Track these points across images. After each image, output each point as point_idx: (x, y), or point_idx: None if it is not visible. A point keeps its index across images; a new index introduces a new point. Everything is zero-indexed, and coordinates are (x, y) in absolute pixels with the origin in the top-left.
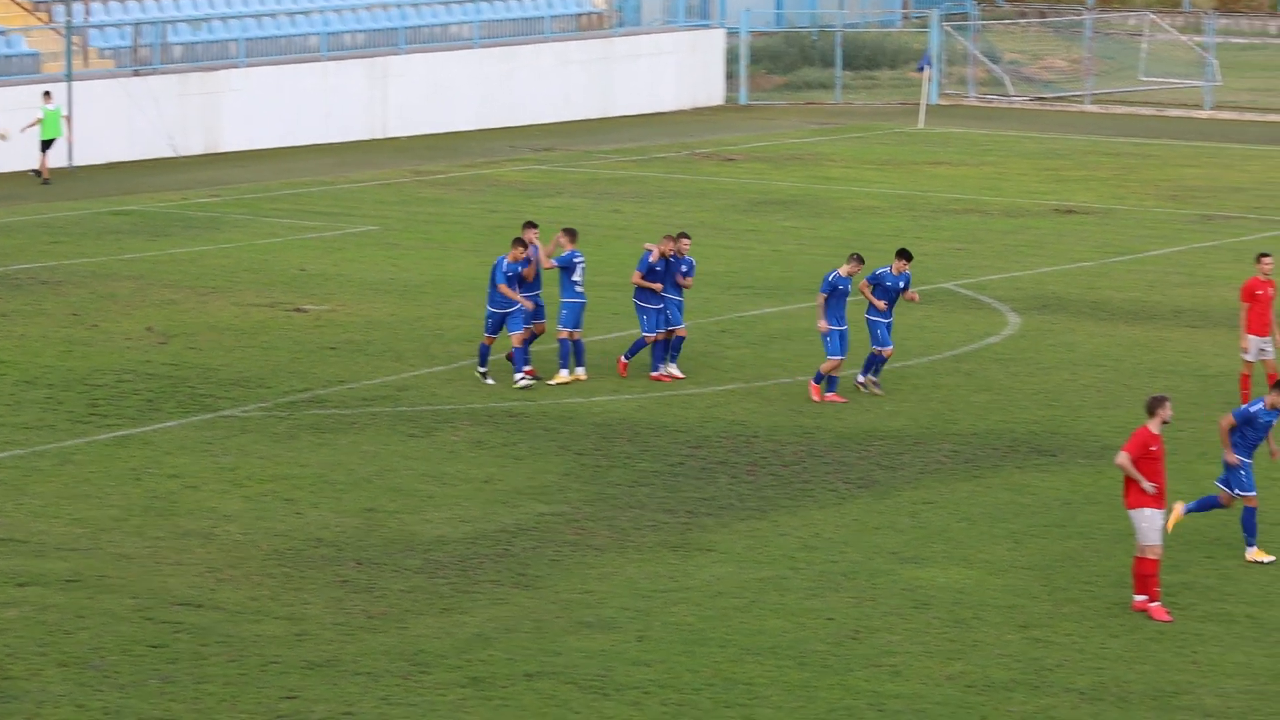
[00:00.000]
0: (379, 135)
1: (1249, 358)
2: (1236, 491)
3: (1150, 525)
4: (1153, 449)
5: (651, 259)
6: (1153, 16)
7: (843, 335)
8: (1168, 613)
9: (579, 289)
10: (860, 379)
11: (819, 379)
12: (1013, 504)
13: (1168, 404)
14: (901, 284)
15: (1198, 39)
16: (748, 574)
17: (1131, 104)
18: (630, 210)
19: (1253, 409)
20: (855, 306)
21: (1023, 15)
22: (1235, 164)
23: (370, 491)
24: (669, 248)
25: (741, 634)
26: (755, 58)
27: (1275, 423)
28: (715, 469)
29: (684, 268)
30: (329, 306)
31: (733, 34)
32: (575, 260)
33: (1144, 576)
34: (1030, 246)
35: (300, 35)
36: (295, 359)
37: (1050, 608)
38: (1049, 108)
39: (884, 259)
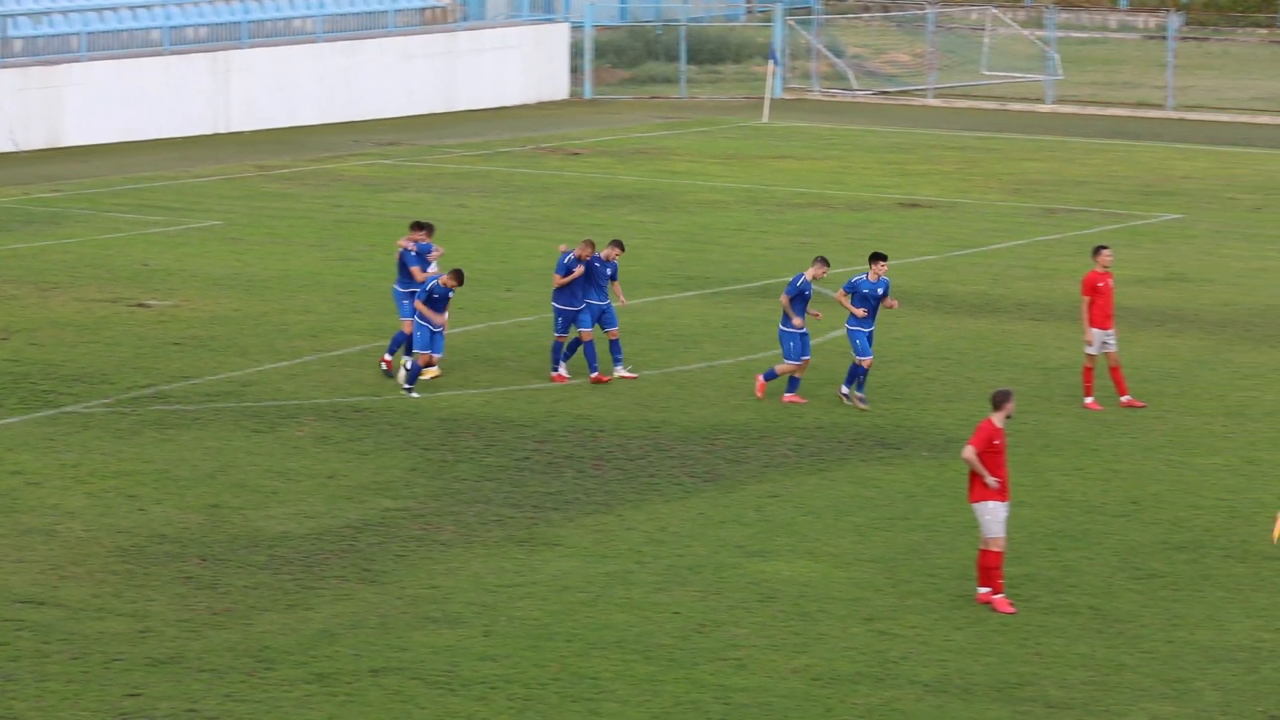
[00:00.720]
0: (222, 130)
1: (1092, 350)
2: None
3: (994, 518)
4: (996, 443)
5: (571, 258)
6: (994, 11)
7: (803, 337)
8: (1011, 605)
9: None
10: (844, 390)
11: (770, 376)
12: (857, 497)
13: (1012, 398)
14: (880, 290)
15: (1039, 33)
16: (594, 568)
17: (974, 98)
18: (475, 205)
19: None
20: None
21: (866, 9)
22: (1077, 157)
23: (214, 488)
24: (587, 252)
25: (588, 628)
26: (600, 52)
27: None
28: (561, 464)
29: (609, 271)
30: (172, 302)
31: (577, 28)
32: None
33: (987, 569)
34: (875, 240)
35: (142, 29)
36: (138, 354)
37: (895, 600)
38: (893, 102)
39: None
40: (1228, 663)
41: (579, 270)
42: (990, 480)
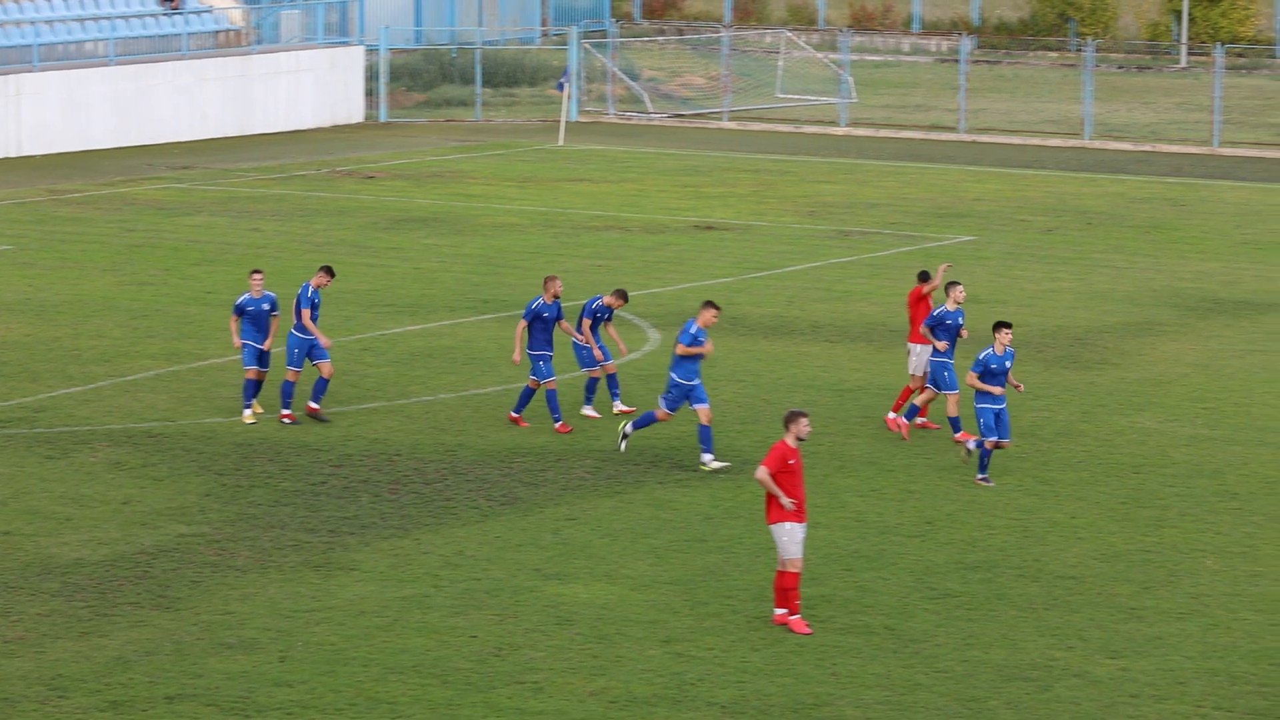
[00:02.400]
0: (13, 154)
1: (912, 369)
2: None
3: (791, 539)
4: (791, 463)
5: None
6: (789, 34)
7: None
8: (808, 625)
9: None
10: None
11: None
12: (654, 519)
13: (805, 419)
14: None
15: (833, 56)
16: (390, 592)
17: (769, 120)
18: (270, 229)
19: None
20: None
21: (661, 32)
22: (870, 180)
23: (6, 514)
24: (618, 302)
25: (384, 653)
26: (395, 75)
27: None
28: (358, 488)
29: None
30: None
31: (372, 51)
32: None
33: (784, 590)
34: (670, 263)
35: None
36: None
37: (692, 622)
38: (688, 124)
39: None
40: (1021, 681)
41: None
42: (786, 501)
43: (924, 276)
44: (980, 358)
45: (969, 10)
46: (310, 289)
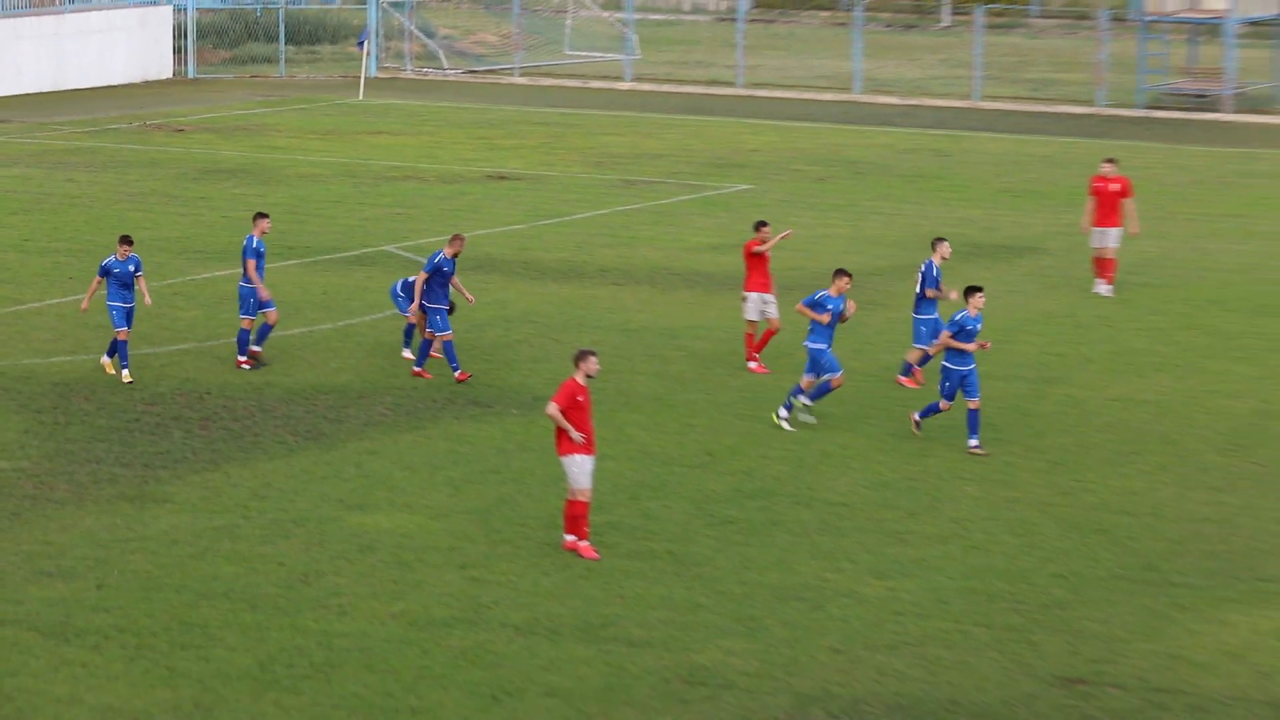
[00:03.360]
0: None
1: (751, 315)
2: None
3: (580, 470)
4: (580, 399)
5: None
6: None
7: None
8: (595, 551)
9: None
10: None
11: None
12: (452, 453)
13: (593, 357)
14: (979, 325)
15: (618, 15)
16: (202, 523)
17: (558, 76)
18: (84, 179)
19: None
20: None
21: None
22: (654, 132)
23: None
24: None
25: (196, 580)
26: (202, 33)
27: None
28: (170, 424)
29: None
30: None
31: (180, 10)
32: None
33: (574, 518)
34: (466, 211)
35: None
36: None
37: (487, 549)
38: (481, 80)
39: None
40: (795, 601)
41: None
42: (575, 435)
43: (759, 225)
44: (956, 318)
45: None
46: (255, 240)
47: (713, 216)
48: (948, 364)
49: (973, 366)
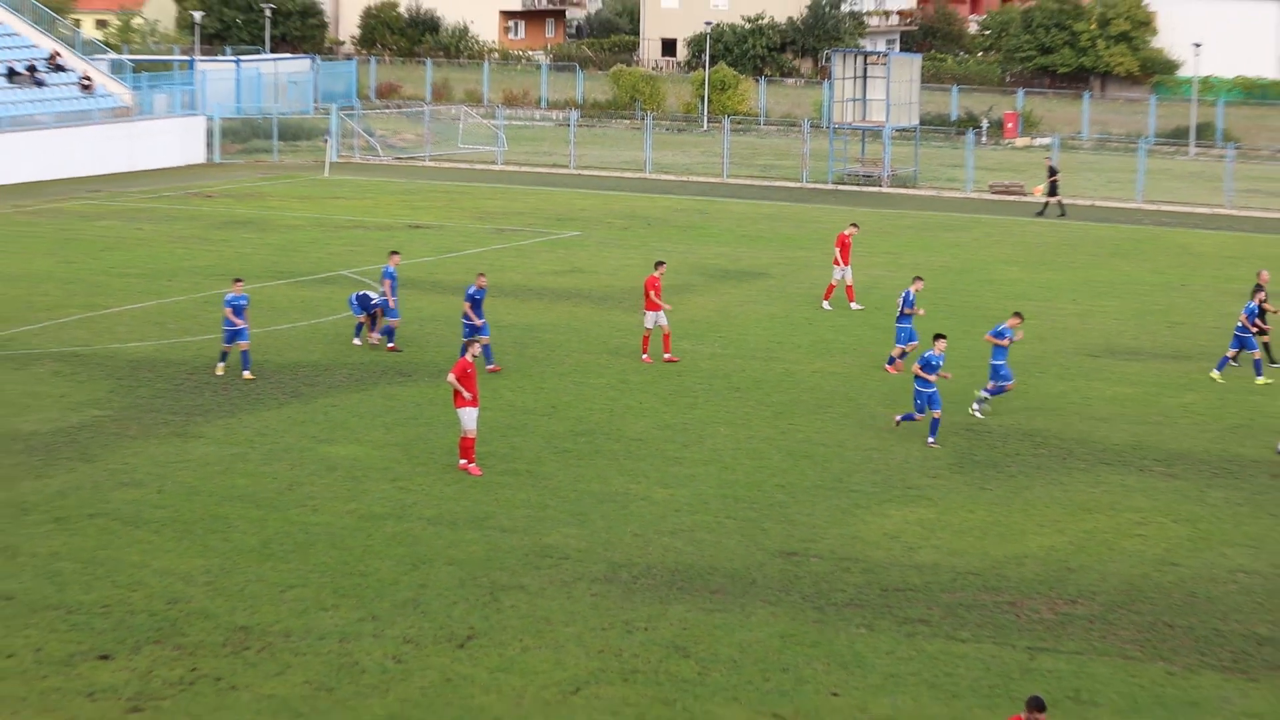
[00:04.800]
0: None
1: (649, 325)
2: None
3: (468, 417)
4: (468, 371)
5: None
6: (465, 108)
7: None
8: (479, 470)
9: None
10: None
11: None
12: (386, 406)
13: (476, 344)
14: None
15: (493, 121)
16: (224, 451)
17: (455, 161)
18: (148, 228)
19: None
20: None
21: (387, 106)
22: (516, 198)
23: None
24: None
25: (220, 488)
26: (224, 133)
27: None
28: (203, 387)
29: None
30: None
31: (210, 119)
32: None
33: (465, 448)
34: (394, 247)
35: None
36: None
37: (409, 468)
38: (404, 163)
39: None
40: (609, 503)
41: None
42: (465, 394)
43: (658, 264)
44: (924, 355)
45: (575, 94)
46: (390, 268)
47: (554, 252)
48: (918, 387)
49: (934, 389)
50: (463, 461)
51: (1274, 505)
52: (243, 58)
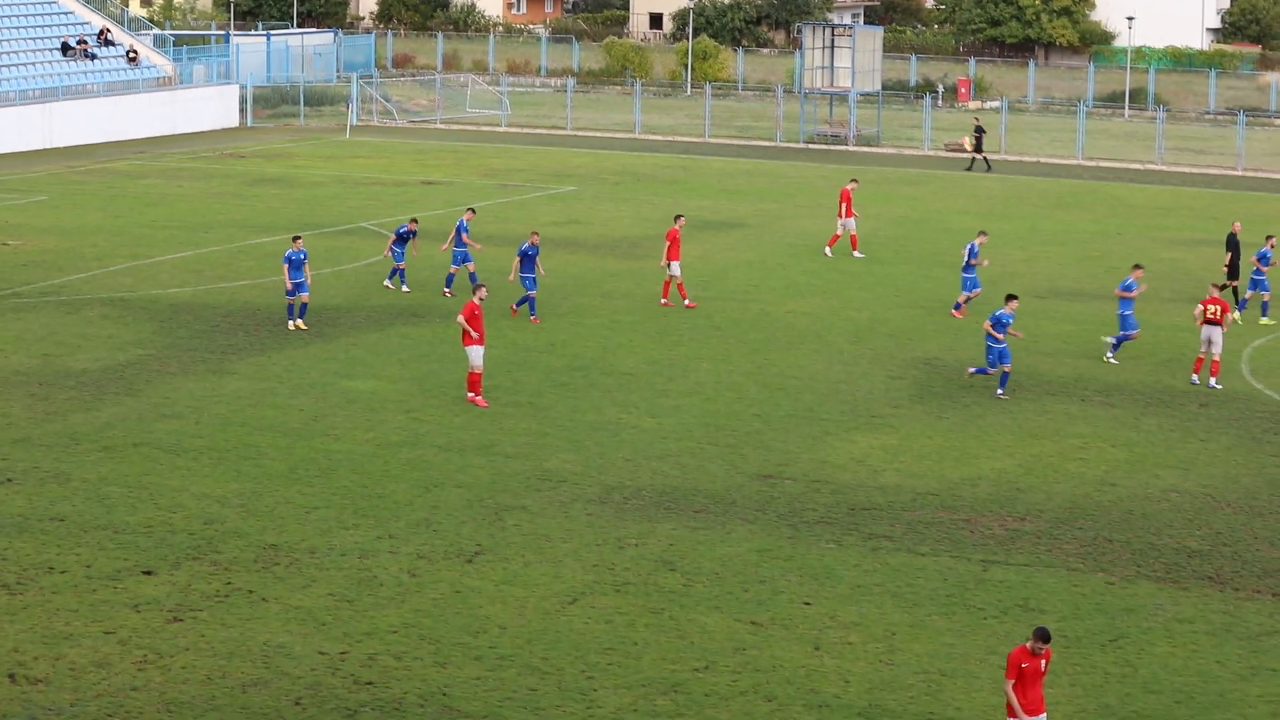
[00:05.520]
0: (47, 146)
1: (673, 273)
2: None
3: (475, 355)
4: (476, 312)
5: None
6: (473, 76)
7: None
8: (485, 402)
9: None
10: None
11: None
12: (401, 344)
13: (484, 288)
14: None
15: (498, 89)
16: (255, 386)
17: (463, 124)
18: (188, 185)
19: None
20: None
21: (402, 75)
22: (518, 157)
23: (45, 345)
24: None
25: (252, 419)
26: (256, 100)
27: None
28: (236, 328)
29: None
30: (19, 241)
31: (243, 87)
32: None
33: (472, 383)
34: (410, 203)
35: None
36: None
37: (422, 400)
38: (417, 126)
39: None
40: (602, 431)
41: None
42: (473, 334)
43: (677, 217)
44: (995, 314)
45: (571, 63)
46: (463, 221)
47: (553, 205)
48: (989, 343)
49: (1005, 345)
50: (470, 395)
51: (1202, 431)
52: (273, 32)
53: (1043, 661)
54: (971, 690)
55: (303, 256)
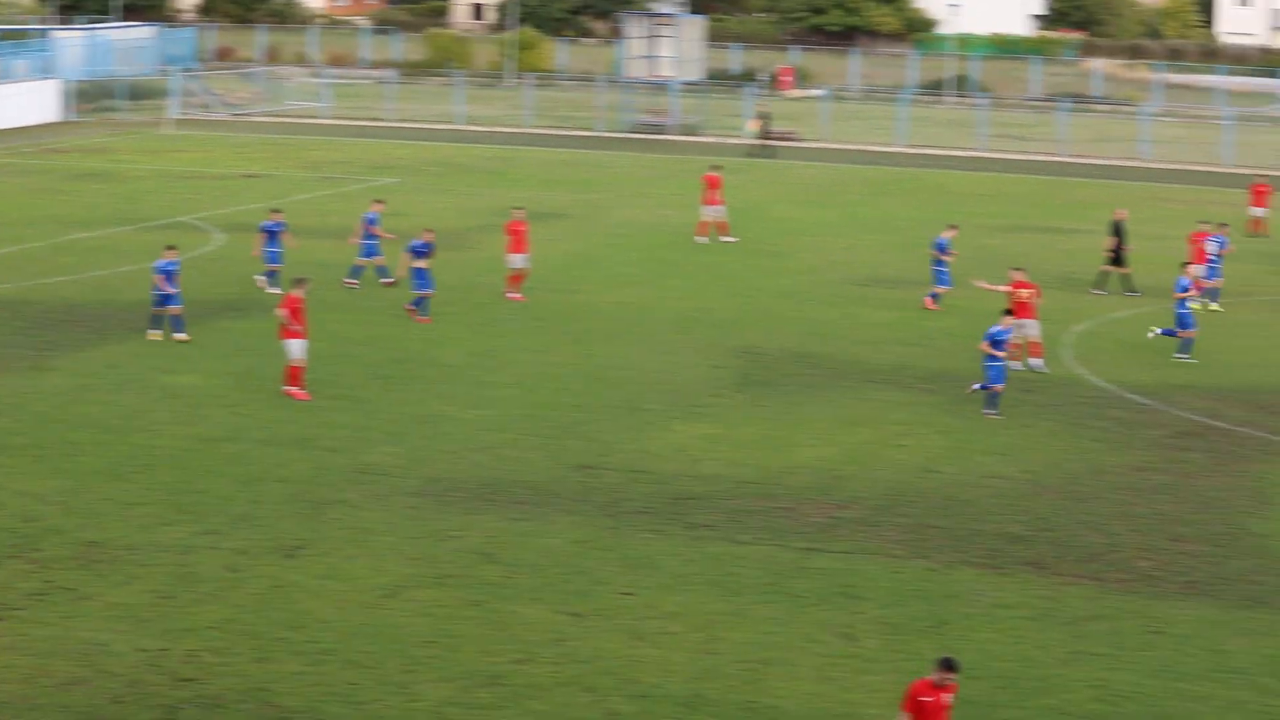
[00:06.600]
0: None
1: (516, 265)
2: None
3: (296, 348)
4: (298, 305)
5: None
6: (294, 69)
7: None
8: (306, 395)
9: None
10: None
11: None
12: (221, 339)
13: (307, 282)
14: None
15: (319, 80)
16: (75, 382)
17: (285, 116)
18: (8, 181)
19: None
20: None
21: (224, 68)
22: (338, 149)
23: None
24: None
25: (72, 415)
26: (77, 94)
27: None
28: (56, 325)
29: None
30: None
31: (66, 81)
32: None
33: (292, 376)
34: (231, 194)
35: None
36: None
37: (242, 396)
38: (239, 119)
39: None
40: (423, 424)
41: None
42: (295, 327)
43: (515, 209)
44: (991, 332)
45: (393, 54)
46: (373, 214)
47: (369, 198)
48: (987, 361)
49: (1003, 363)
50: (290, 388)
51: (1024, 417)
52: (93, 26)
53: (948, 695)
54: (793, 678)
55: (174, 268)
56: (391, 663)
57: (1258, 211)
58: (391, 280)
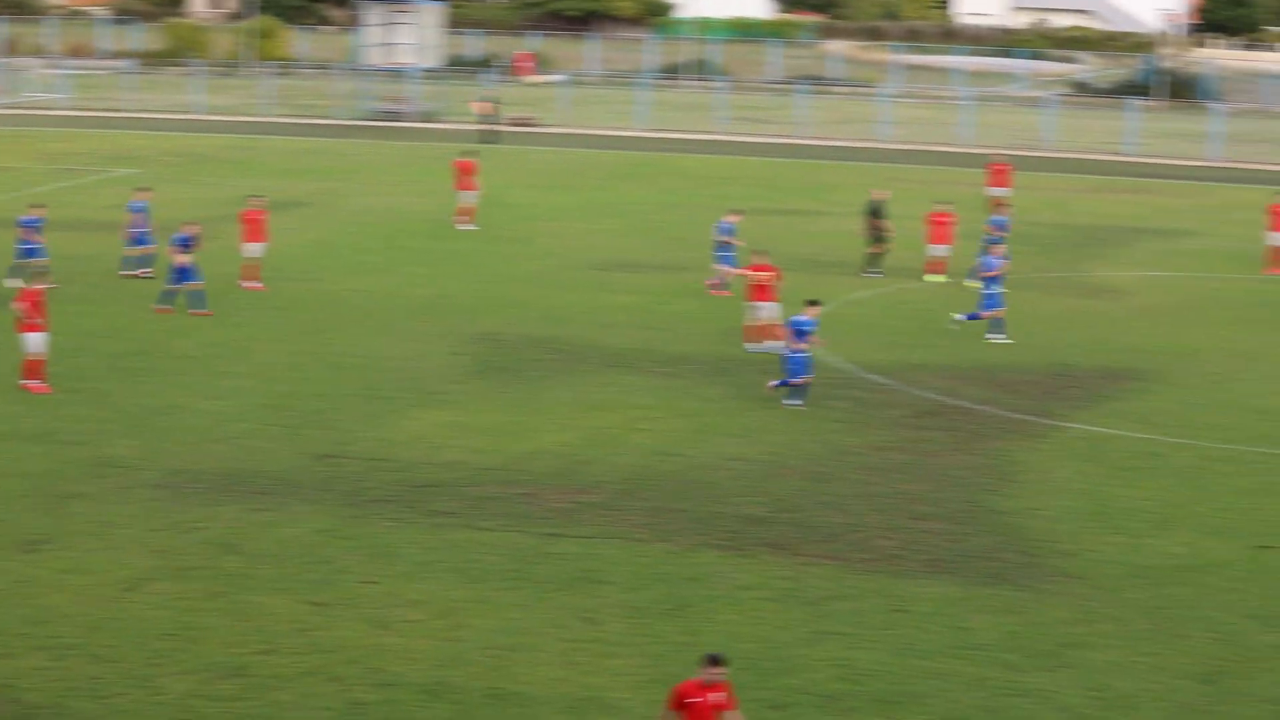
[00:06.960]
0: None
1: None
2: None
3: (34, 342)
4: (39, 300)
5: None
6: (32, 60)
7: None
8: (47, 388)
9: None
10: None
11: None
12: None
13: (46, 277)
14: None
15: (58, 72)
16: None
17: (21, 108)
18: None
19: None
20: None
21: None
22: (80, 139)
23: None
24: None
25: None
26: None
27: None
28: None
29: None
30: None
31: None
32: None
33: (31, 370)
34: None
35: None
36: None
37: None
38: None
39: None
40: (161, 415)
41: None
42: (37, 321)
43: (251, 199)
44: (794, 320)
45: (130, 44)
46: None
47: (113, 189)
48: (789, 353)
49: (807, 354)
50: (30, 382)
51: (764, 399)
52: None
53: (717, 694)
54: (536, 664)
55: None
56: (135, 656)
57: (996, 191)
58: (150, 271)
